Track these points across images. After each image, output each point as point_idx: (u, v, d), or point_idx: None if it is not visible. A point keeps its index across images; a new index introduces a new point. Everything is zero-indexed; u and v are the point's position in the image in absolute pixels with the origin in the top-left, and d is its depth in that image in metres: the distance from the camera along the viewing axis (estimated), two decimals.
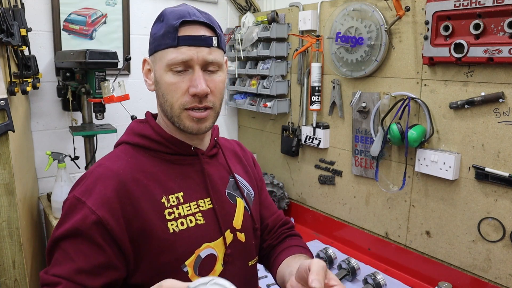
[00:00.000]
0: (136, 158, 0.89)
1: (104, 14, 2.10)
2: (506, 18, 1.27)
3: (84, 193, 0.82)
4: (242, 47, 2.33)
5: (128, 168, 0.86)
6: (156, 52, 0.87)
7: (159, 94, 0.89)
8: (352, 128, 1.90)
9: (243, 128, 2.70)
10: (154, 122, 0.93)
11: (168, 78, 0.85)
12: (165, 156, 0.91)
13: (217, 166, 0.98)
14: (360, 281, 1.65)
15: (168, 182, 0.88)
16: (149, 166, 0.88)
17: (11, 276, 1.41)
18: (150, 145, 0.91)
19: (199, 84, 0.83)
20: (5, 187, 1.35)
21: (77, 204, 0.81)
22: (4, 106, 1.31)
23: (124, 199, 0.82)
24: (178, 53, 0.83)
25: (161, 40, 0.85)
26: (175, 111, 0.86)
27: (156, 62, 0.88)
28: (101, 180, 0.83)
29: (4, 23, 1.36)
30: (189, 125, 0.87)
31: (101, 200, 0.80)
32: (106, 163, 0.87)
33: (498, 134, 1.39)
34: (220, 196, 0.94)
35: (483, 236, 1.47)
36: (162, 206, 0.85)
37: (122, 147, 0.93)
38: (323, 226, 2.12)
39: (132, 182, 0.84)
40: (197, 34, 0.84)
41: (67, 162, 1.83)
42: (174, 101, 0.85)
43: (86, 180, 0.85)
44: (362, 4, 1.73)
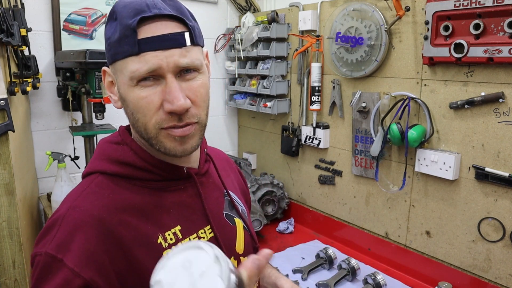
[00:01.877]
0: (118, 193, 0.71)
1: (104, 14, 2.10)
2: (506, 18, 1.27)
3: (59, 248, 0.63)
4: (242, 47, 2.33)
5: (112, 208, 0.68)
6: (114, 62, 0.69)
7: (128, 113, 0.71)
8: (352, 128, 1.90)
9: (243, 128, 2.71)
10: (135, 144, 0.75)
11: (135, 94, 0.67)
12: (152, 185, 0.74)
13: (211, 186, 0.84)
14: (360, 281, 1.65)
15: (161, 217, 0.72)
16: (136, 201, 0.71)
17: (11, 276, 1.41)
18: (134, 174, 0.73)
19: (175, 98, 0.65)
20: (5, 187, 1.35)
21: (52, 263, 0.63)
22: (4, 106, 1.31)
23: (112, 250, 0.65)
24: (142, 63, 0.65)
25: (117, 47, 0.67)
26: (150, 132, 0.69)
27: (117, 74, 0.70)
28: (79, 229, 0.65)
29: (4, 23, 1.36)
30: (170, 147, 0.70)
31: (84, 256, 0.63)
32: (82, 205, 0.68)
33: (498, 134, 1.39)
34: (220, 220, 0.81)
35: (483, 236, 1.47)
36: (159, 248, 0.70)
37: (96, 179, 0.73)
38: (323, 226, 2.12)
39: (120, 226, 0.67)
40: (162, 33, 0.65)
41: (67, 162, 1.83)
42: (147, 120, 0.68)
43: (58, 230, 0.65)
44: (362, 4, 1.73)
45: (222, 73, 2.59)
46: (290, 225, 2.18)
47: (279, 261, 1.81)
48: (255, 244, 0.90)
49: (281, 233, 2.15)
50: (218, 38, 2.51)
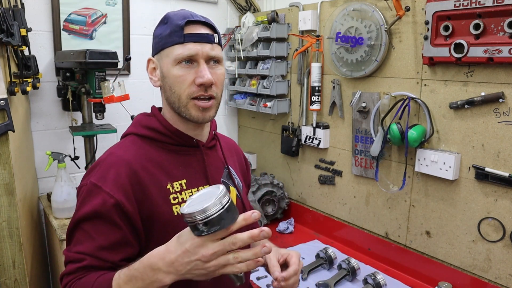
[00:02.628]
0: (144, 148, 0.98)
1: (104, 14, 2.10)
2: (506, 18, 1.27)
3: (100, 179, 0.90)
4: (242, 47, 2.33)
5: (138, 157, 0.95)
6: (162, 50, 0.96)
7: (166, 87, 0.97)
8: (352, 128, 1.90)
9: (243, 128, 2.70)
10: (161, 116, 1.01)
11: (176, 71, 0.94)
12: (169, 147, 1.00)
13: (214, 157, 1.07)
14: (360, 281, 1.65)
15: (172, 170, 0.98)
16: (156, 156, 0.98)
17: (11, 276, 1.41)
18: (157, 137, 0.99)
19: (205, 74, 0.92)
20: (5, 187, 1.35)
21: (94, 189, 0.90)
22: (4, 106, 1.31)
23: (135, 185, 0.91)
24: (185, 49, 0.92)
25: (167, 39, 0.94)
26: (183, 101, 0.95)
27: (163, 59, 0.97)
28: (114, 167, 0.92)
29: (4, 23, 1.36)
30: (195, 115, 0.95)
31: (116, 186, 0.89)
32: (118, 152, 0.96)
33: (498, 134, 1.39)
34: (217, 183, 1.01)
35: (483, 236, 1.47)
36: (167, 191, 0.95)
37: (130, 138, 1.01)
38: (323, 226, 2.12)
39: (142, 170, 0.93)
40: (200, 32, 0.94)
41: (67, 162, 1.82)
42: (182, 91, 0.94)
43: (99, 167, 0.93)
44: (362, 4, 1.73)
45: None
46: (290, 225, 2.19)
47: None
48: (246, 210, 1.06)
49: (281, 233, 2.15)
50: None
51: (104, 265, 0.88)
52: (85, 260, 0.87)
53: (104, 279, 0.85)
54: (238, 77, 2.46)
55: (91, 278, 0.86)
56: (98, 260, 0.87)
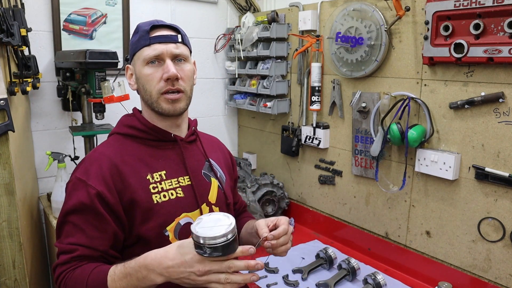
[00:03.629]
0: (126, 145, 1.09)
1: (104, 14, 2.10)
2: (506, 18, 1.27)
3: (84, 174, 1.00)
4: (242, 47, 2.33)
5: (119, 152, 1.06)
6: (134, 55, 1.08)
7: (140, 88, 1.09)
8: (352, 128, 1.90)
9: (243, 128, 2.70)
10: (140, 115, 1.12)
11: (146, 71, 1.05)
12: (149, 143, 1.10)
13: (194, 151, 1.16)
14: (360, 281, 1.65)
15: (152, 163, 1.07)
16: (137, 151, 1.08)
17: (11, 276, 1.41)
18: (137, 134, 1.10)
19: (170, 69, 1.03)
20: (5, 187, 1.35)
21: (78, 183, 0.99)
22: (4, 106, 1.31)
23: (115, 176, 1.00)
24: (151, 50, 1.04)
25: (137, 44, 1.06)
26: (154, 97, 1.05)
27: (135, 62, 1.08)
28: (96, 162, 1.02)
29: (4, 23, 1.36)
30: (165, 107, 1.05)
31: (98, 178, 0.99)
32: (100, 149, 1.08)
33: (498, 134, 1.39)
34: (197, 175, 1.13)
35: (483, 236, 1.47)
36: (147, 182, 1.04)
37: (113, 137, 1.12)
38: (323, 226, 2.12)
39: (122, 164, 1.03)
40: (164, 33, 1.06)
41: (67, 162, 1.82)
42: (152, 88, 1.05)
43: (84, 164, 1.04)
44: (362, 4, 1.73)
45: (222, 73, 2.59)
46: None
47: (279, 261, 1.81)
48: (227, 200, 1.19)
49: None
50: (218, 38, 2.51)
51: (95, 254, 0.96)
52: (77, 251, 0.94)
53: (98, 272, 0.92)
54: (238, 77, 2.46)
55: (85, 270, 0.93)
56: (90, 250, 0.95)
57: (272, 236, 1.02)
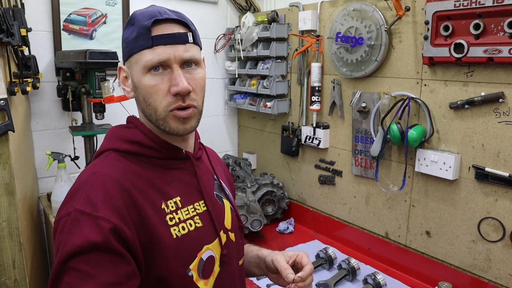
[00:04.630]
0: (129, 165, 0.84)
1: (104, 14, 2.10)
2: (506, 18, 1.27)
3: (87, 205, 0.75)
4: (242, 47, 2.33)
5: (127, 174, 0.82)
6: (131, 57, 0.84)
7: (139, 99, 0.85)
8: (352, 128, 1.90)
9: (243, 128, 2.70)
10: (144, 127, 0.88)
11: (148, 81, 0.81)
12: (157, 162, 0.87)
13: (204, 169, 0.97)
14: (360, 281, 1.65)
15: (164, 188, 0.85)
16: (144, 172, 0.84)
17: (11, 276, 1.41)
18: (142, 151, 0.86)
19: (180, 82, 0.80)
20: (5, 187, 1.35)
21: (81, 217, 0.73)
22: (4, 106, 1.31)
23: (130, 207, 0.78)
24: (154, 54, 0.80)
25: (134, 43, 0.82)
26: (160, 114, 0.83)
27: (132, 66, 0.84)
28: (102, 188, 0.77)
29: (4, 23, 1.36)
30: (174, 126, 0.84)
31: (110, 208, 0.75)
32: (102, 171, 0.81)
33: (498, 134, 1.39)
34: (211, 197, 0.94)
35: (483, 236, 1.47)
36: (163, 212, 0.83)
37: (110, 154, 0.86)
38: (323, 226, 2.12)
39: (134, 189, 0.80)
40: (171, 32, 0.81)
41: (67, 162, 1.82)
42: (158, 104, 0.82)
43: (82, 191, 0.77)
44: (362, 4, 1.73)
45: (222, 73, 2.59)
46: (290, 225, 2.18)
47: None
48: (240, 223, 1.03)
49: (281, 233, 2.15)
50: (218, 38, 2.52)
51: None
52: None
53: None
54: (238, 77, 2.46)
55: None
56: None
57: (300, 278, 0.92)
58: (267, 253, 1.05)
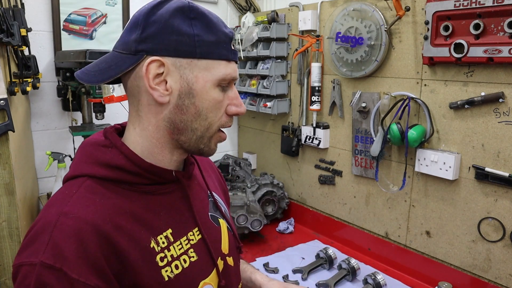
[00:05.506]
0: (108, 198, 0.69)
1: (104, 14, 2.10)
2: (506, 18, 1.27)
3: (57, 257, 0.60)
4: (242, 47, 2.33)
5: (105, 214, 0.67)
6: (200, 59, 0.71)
7: (191, 109, 0.72)
8: (352, 128, 1.90)
9: (243, 128, 2.71)
10: (125, 147, 0.73)
11: (217, 95, 0.73)
12: (142, 188, 0.74)
13: (196, 188, 0.86)
14: (360, 281, 1.65)
15: (153, 221, 0.73)
16: (127, 205, 0.70)
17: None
18: (124, 178, 0.72)
19: (242, 103, 0.77)
20: (5, 187, 1.35)
21: (49, 274, 0.59)
22: (4, 106, 1.31)
23: (110, 256, 0.64)
24: (231, 69, 0.74)
25: (214, 48, 0.71)
26: (211, 132, 0.75)
27: (195, 70, 0.71)
28: (76, 236, 0.62)
29: (4, 23, 1.36)
30: (213, 149, 0.78)
31: (84, 264, 0.61)
32: (74, 211, 0.65)
33: (498, 134, 1.39)
34: (206, 221, 0.84)
35: (483, 236, 1.47)
36: (152, 252, 0.70)
37: (84, 183, 0.70)
38: (323, 226, 2.12)
39: (114, 232, 0.66)
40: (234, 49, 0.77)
41: (67, 162, 1.83)
42: (216, 120, 0.74)
43: (50, 237, 0.62)
44: (362, 4, 1.73)
45: None
46: (290, 225, 2.19)
47: (279, 261, 1.81)
48: (238, 244, 0.94)
49: (281, 233, 2.15)
50: None
51: None
52: None
53: None
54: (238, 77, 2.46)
55: None
56: None
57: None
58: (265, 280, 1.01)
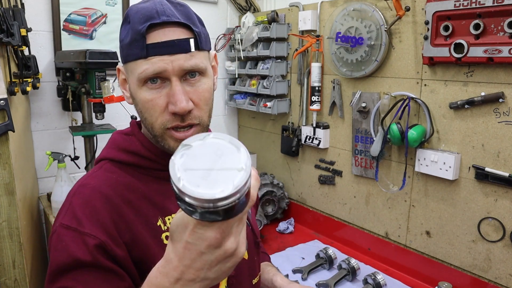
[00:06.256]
0: (123, 177, 0.77)
1: (104, 14, 2.10)
2: (506, 18, 1.27)
3: (72, 219, 0.70)
4: (242, 47, 2.33)
5: (117, 188, 0.75)
6: (126, 64, 0.75)
7: (137, 110, 0.77)
8: (352, 128, 1.90)
9: (243, 128, 2.70)
10: (142, 136, 0.80)
11: (143, 95, 0.72)
12: (156, 173, 0.79)
13: None
14: (360, 281, 1.65)
15: (163, 202, 0.78)
16: (140, 186, 0.77)
17: (11, 276, 1.41)
18: (139, 162, 0.79)
19: (178, 100, 0.70)
20: (5, 187, 1.35)
21: (66, 232, 0.69)
22: (4, 106, 1.31)
23: (119, 223, 0.71)
24: (149, 65, 0.69)
25: (129, 50, 0.72)
26: (156, 131, 0.75)
27: (129, 74, 0.76)
28: (89, 202, 0.72)
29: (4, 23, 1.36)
30: (173, 145, 0.74)
31: (95, 224, 0.69)
32: (91, 183, 0.75)
33: (498, 134, 1.39)
34: None
35: (483, 236, 1.47)
36: (158, 229, 0.75)
37: (105, 164, 0.80)
38: (323, 226, 2.12)
39: (124, 205, 0.73)
40: (169, 38, 0.70)
41: (67, 162, 1.82)
42: (154, 120, 0.74)
43: (70, 205, 0.73)
44: (362, 4, 1.73)
45: (222, 73, 2.59)
46: (290, 225, 2.19)
47: (279, 261, 1.81)
48: (256, 239, 0.92)
49: (281, 233, 2.15)
50: (218, 38, 2.51)
51: None
52: None
53: None
54: (238, 77, 2.46)
55: None
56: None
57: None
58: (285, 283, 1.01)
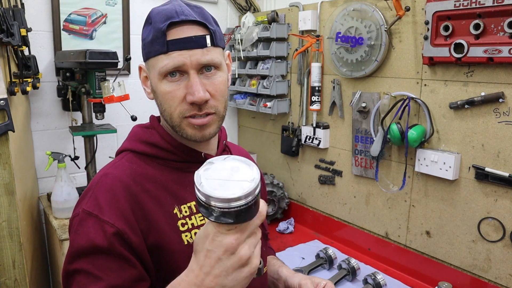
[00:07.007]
0: (144, 168, 0.84)
1: (104, 14, 2.10)
2: (506, 18, 1.27)
3: (94, 206, 0.77)
4: (242, 47, 2.33)
5: (137, 177, 0.82)
6: (148, 60, 0.83)
7: (157, 103, 0.85)
8: (352, 128, 1.90)
9: (243, 128, 2.71)
10: (162, 129, 0.88)
11: (163, 87, 0.80)
12: (174, 164, 0.87)
13: None
14: (360, 281, 1.65)
15: (179, 192, 0.84)
16: (159, 176, 0.84)
17: (11, 276, 1.41)
18: (159, 154, 0.86)
19: (196, 91, 0.77)
20: (5, 187, 1.35)
21: (87, 218, 0.76)
22: (4, 106, 1.31)
23: (137, 211, 0.78)
24: (169, 59, 0.77)
25: (151, 47, 0.80)
26: (175, 120, 0.82)
27: (150, 69, 0.83)
28: (109, 191, 0.79)
29: (4, 23, 1.36)
30: (191, 133, 0.82)
31: (115, 212, 0.76)
32: (113, 172, 0.82)
33: (498, 134, 1.39)
34: None
35: (483, 236, 1.47)
36: (174, 217, 0.82)
37: (126, 155, 0.87)
38: (323, 226, 2.12)
39: (143, 193, 0.80)
40: (187, 35, 0.77)
41: (67, 162, 1.82)
42: (172, 110, 0.81)
43: (92, 192, 0.80)
44: (362, 4, 1.73)
45: None
46: (290, 225, 2.19)
47: None
48: (265, 231, 0.99)
49: (281, 233, 2.15)
50: None
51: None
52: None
53: None
54: (238, 77, 2.46)
55: None
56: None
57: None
58: (290, 274, 1.02)
